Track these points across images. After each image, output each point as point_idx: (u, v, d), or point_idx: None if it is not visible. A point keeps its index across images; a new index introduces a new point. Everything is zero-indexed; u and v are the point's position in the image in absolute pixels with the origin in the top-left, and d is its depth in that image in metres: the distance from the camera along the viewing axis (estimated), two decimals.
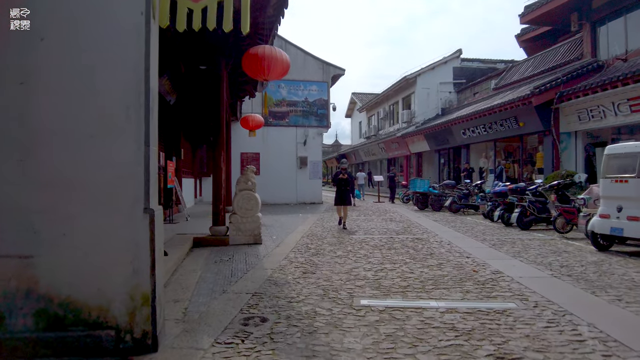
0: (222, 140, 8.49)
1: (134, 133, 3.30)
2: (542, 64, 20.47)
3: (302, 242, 8.77)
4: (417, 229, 10.84)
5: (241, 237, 8.35)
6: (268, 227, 11.24)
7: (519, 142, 20.26)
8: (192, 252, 7.55)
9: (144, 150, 3.33)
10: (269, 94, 19.97)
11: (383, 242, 8.58)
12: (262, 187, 20.84)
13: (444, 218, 13.60)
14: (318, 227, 11.46)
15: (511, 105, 17.00)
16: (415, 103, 28.31)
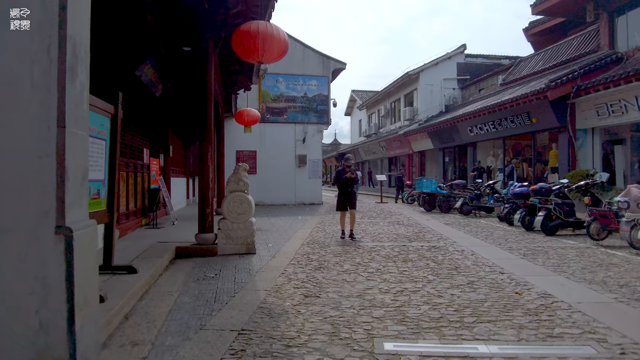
0: (209, 133, 7.25)
1: (39, 106, 2.06)
2: (553, 57, 19.27)
3: (303, 251, 7.53)
4: (430, 234, 9.62)
5: (231, 246, 7.11)
6: (264, 232, 10.00)
7: (530, 139, 19.06)
8: (172, 266, 6.31)
9: (57, 135, 2.09)
10: (266, 88, 18.79)
11: (396, 252, 7.35)
12: (259, 187, 19.66)
13: (455, 221, 12.38)
14: (319, 231, 10.23)
15: (524, 100, 15.80)
16: (418, 100, 27.10)
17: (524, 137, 19.50)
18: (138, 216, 9.37)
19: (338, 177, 9.16)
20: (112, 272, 4.99)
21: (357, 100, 38.58)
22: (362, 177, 29.63)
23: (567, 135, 15.31)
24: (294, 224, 11.89)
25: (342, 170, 9.11)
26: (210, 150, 7.21)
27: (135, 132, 9.26)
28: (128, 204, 8.61)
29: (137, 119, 9.42)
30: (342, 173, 9.04)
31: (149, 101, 10.15)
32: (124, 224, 8.19)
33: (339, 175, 9.15)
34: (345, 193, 9.14)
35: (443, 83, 26.46)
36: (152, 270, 5.36)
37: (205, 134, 7.26)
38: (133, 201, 9.07)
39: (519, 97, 15.93)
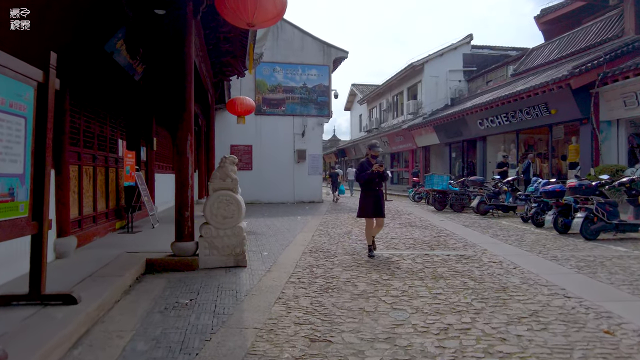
0: (188, 117, 5.80)
1: None
2: (570, 45, 17.85)
3: (304, 262, 6.10)
4: (451, 238, 8.20)
5: (216, 257, 5.68)
6: (258, 236, 8.58)
7: (547, 132, 17.66)
8: (138, 286, 4.87)
9: None
10: (262, 78, 17.36)
11: (419, 264, 5.93)
12: (254, 184, 18.20)
13: (473, 222, 10.97)
14: (322, 235, 8.80)
15: (543, 90, 14.38)
16: (422, 93, 25.66)
17: (538, 131, 18.13)
18: (110, 218, 7.92)
19: (361, 171, 6.62)
20: (42, 303, 3.57)
21: (357, 94, 37.10)
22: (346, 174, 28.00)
23: (590, 128, 13.90)
24: (293, 225, 10.46)
25: (367, 163, 6.62)
26: (189, 139, 5.76)
27: (106, 119, 7.80)
28: (95, 205, 7.16)
29: (110, 105, 7.96)
30: (367, 166, 6.57)
31: (127, 86, 8.69)
32: (89, 229, 6.74)
33: (362, 168, 6.64)
34: (372, 194, 6.56)
35: (449, 75, 25.03)
36: (103, 296, 3.93)
37: (183, 120, 5.81)
38: (103, 201, 7.62)
39: (538, 86, 14.51)
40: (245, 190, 18.07)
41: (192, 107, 5.86)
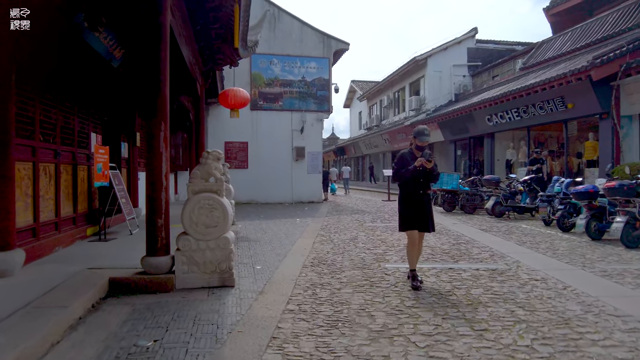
0: (161, 103, 4.66)
1: None
2: (584, 36, 16.76)
3: (305, 280, 4.99)
4: (473, 246, 7.11)
5: (197, 275, 4.57)
6: (252, 244, 7.46)
7: (559, 129, 16.60)
8: (92, 316, 3.75)
9: None
10: (258, 71, 16.22)
11: (446, 283, 4.82)
12: (250, 184, 17.01)
13: (490, 225, 9.89)
14: (325, 242, 7.70)
15: (560, 82, 13.29)
16: (425, 88, 24.57)
17: (549, 127, 17.08)
18: (79, 224, 6.79)
19: (401, 166, 4.77)
20: None
21: (357, 90, 35.97)
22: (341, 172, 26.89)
23: (611, 123, 12.81)
24: (291, 229, 9.36)
25: (409, 155, 4.83)
26: (162, 130, 4.63)
27: (74, 109, 6.66)
28: (58, 209, 6.03)
29: (79, 94, 6.83)
30: (410, 160, 4.75)
31: (103, 73, 7.56)
32: (47, 239, 5.61)
33: (402, 163, 4.79)
34: (416, 199, 4.75)
35: (453, 70, 23.93)
36: (28, 343, 2.80)
37: (156, 107, 4.67)
38: (69, 204, 6.49)
39: (554, 79, 13.42)
40: (240, 190, 16.96)
41: (166, 91, 4.73)
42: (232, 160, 16.40)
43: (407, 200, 4.83)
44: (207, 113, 16.29)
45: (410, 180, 4.72)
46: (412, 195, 4.79)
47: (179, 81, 9.47)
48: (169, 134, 4.75)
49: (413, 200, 4.78)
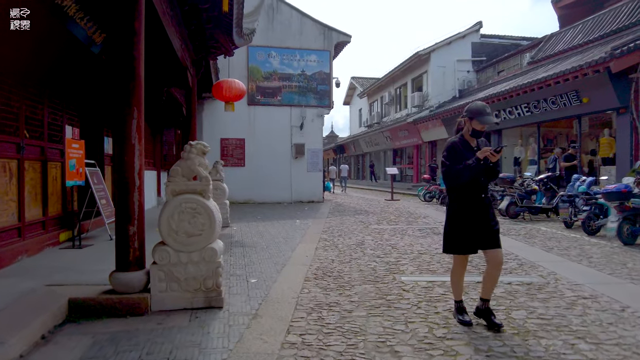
0: (135, 88, 3.82)
1: None
2: (597, 28, 15.94)
3: (309, 299, 4.16)
4: None
5: (177, 295, 3.74)
6: (247, 250, 6.63)
7: (569, 126, 15.81)
8: (38, 353, 2.92)
9: None
10: (256, 64, 15.37)
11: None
12: (247, 182, 16.13)
13: (507, 228, 9.08)
14: (329, 247, 6.87)
15: (575, 75, 12.48)
16: (428, 84, 23.74)
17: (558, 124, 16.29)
18: (50, 229, 5.95)
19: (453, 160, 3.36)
20: None
21: (357, 87, 35.12)
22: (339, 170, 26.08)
23: (629, 118, 12.01)
24: (290, 232, 8.53)
25: (461, 145, 3.45)
26: (135, 117, 3.80)
27: (43, 99, 5.82)
28: (22, 212, 5.18)
29: (51, 81, 5.98)
30: (465, 152, 3.39)
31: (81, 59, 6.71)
32: (6, 247, 4.77)
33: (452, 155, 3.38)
34: (474, 207, 3.45)
35: (457, 65, 23.11)
36: None
37: (128, 91, 3.83)
38: (37, 206, 5.65)
39: (569, 71, 12.60)
40: (237, 189, 16.12)
41: (141, 70, 3.89)
42: (229, 157, 15.55)
43: (464, 209, 3.39)
44: (202, 108, 15.45)
45: (467, 179, 3.30)
46: (470, 202, 3.38)
47: (167, 70, 8.63)
48: (143, 122, 3.91)
49: (472, 209, 3.39)
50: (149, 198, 12.40)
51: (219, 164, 9.24)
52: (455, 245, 3.51)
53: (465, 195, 3.42)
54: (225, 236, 7.94)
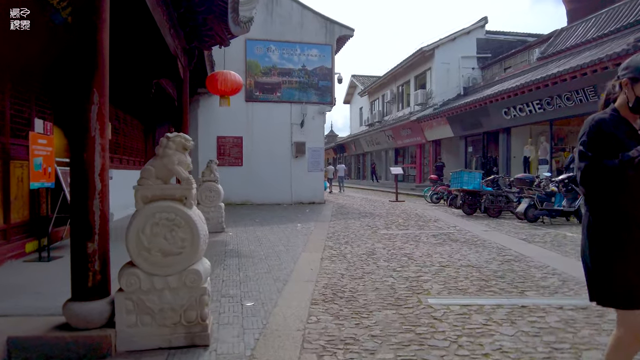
0: (97, 60, 2.99)
1: None
2: (612, 21, 15.12)
3: (317, 329, 3.31)
4: (529, 265, 5.45)
5: (150, 331, 2.88)
6: (243, 260, 5.78)
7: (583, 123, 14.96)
8: None
9: None
10: (254, 59, 14.53)
11: (534, 338, 3.16)
12: (245, 183, 15.23)
13: (530, 233, 8.24)
14: (336, 258, 6.02)
15: (594, 69, 11.68)
16: (432, 81, 22.92)
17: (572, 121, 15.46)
18: (14, 238, 5.09)
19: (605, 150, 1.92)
20: None
21: (357, 86, 34.29)
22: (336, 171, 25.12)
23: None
24: (292, 238, 7.68)
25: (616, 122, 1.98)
26: (97, 103, 2.96)
27: (2, 86, 4.96)
28: None
29: (12, 67, 5.12)
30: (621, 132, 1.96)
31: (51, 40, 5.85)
32: None
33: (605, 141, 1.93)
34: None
35: (461, 61, 22.30)
36: None
37: (87, 68, 2.99)
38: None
39: (587, 65, 11.79)
40: (234, 190, 15.25)
41: (105, 43, 3.05)
42: (225, 157, 14.70)
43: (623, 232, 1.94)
44: (198, 105, 14.60)
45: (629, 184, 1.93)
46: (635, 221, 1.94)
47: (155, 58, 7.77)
48: (107, 110, 3.07)
49: None
50: None
51: (213, 164, 8.39)
52: (620, 293, 1.93)
53: (626, 208, 1.95)
54: (218, 244, 7.09)
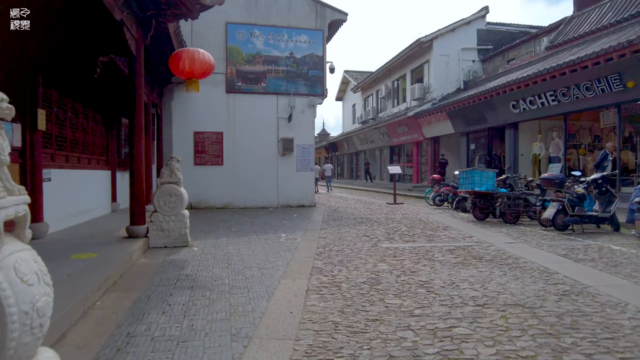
0: None
1: None
2: (630, 6, 13.60)
3: None
4: (604, 305, 3.81)
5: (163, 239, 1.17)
6: (197, 293, 4.03)
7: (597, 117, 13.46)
8: None
9: None
10: (236, 44, 12.80)
11: None
12: (226, 184, 12.56)
13: (567, 246, 6.61)
14: (326, 289, 4.33)
15: (622, 53, 10.11)
16: (430, 75, 21.33)
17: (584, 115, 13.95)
18: None
19: None
20: None
21: (350, 81, 32.63)
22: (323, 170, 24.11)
23: None
24: (271, 256, 5.97)
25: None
26: None
27: None
28: None
29: None
30: None
31: None
32: None
33: None
34: None
35: (461, 54, 20.74)
36: None
37: None
38: None
39: (614, 49, 10.21)
40: (213, 192, 13.36)
41: None
42: (204, 155, 12.94)
43: None
44: (172, 96, 12.83)
45: None
46: None
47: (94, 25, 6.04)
48: None
49: None
50: (101, 204, 9.78)
51: (173, 161, 6.64)
52: None
53: None
54: (172, 266, 5.36)
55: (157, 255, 6.03)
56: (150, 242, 6.50)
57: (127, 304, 3.91)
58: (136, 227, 6.61)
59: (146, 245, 6.42)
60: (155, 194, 6.55)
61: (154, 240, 6.51)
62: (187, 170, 12.68)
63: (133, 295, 4.18)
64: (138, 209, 6.72)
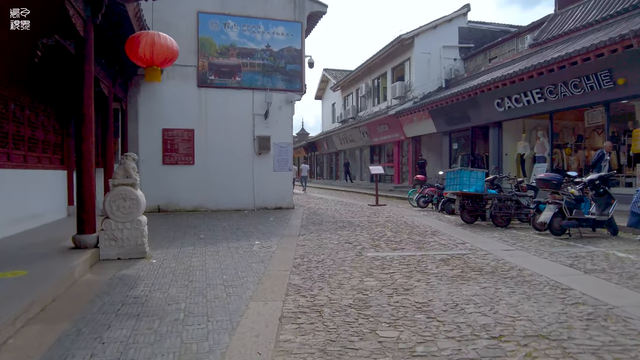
0: None
1: None
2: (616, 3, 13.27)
3: None
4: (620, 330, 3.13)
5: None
6: (141, 325, 3.12)
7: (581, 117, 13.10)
8: None
9: None
10: (208, 35, 11.86)
11: None
12: (198, 185, 10.41)
13: (567, 253, 6.00)
14: (306, 312, 3.53)
15: (614, 49, 9.66)
16: (412, 73, 20.78)
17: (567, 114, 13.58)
18: None
19: None
20: None
21: (330, 80, 31.90)
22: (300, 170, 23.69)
23: None
24: (240, 269, 5.13)
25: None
26: None
27: None
28: None
29: None
30: None
31: None
32: None
33: None
34: None
35: (443, 52, 20.26)
36: None
37: None
38: None
39: (606, 44, 9.75)
40: (184, 194, 12.23)
41: None
42: (173, 153, 11.95)
43: None
44: (138, 90, 11.79)
45: None
46: None
47: None
48: None
49: None
50: (54, 207, 8.73)
51: (129, 160, 5.71)
52: None
53: None
54: (121, 284, 4.45)
55: (106, 269, 5.11)
56: (101, 253, 5.57)
57: (49, 341, 3.02)
58: (84, 236, 5.66)
59: (95, 257, 5.48)
60: (107, 198, 5.62)
61: (105, 251, 5.58)
62: (155, 171, 11.70)
63: (60, 327, 3.29)
64: (87, 215, 5.76)
